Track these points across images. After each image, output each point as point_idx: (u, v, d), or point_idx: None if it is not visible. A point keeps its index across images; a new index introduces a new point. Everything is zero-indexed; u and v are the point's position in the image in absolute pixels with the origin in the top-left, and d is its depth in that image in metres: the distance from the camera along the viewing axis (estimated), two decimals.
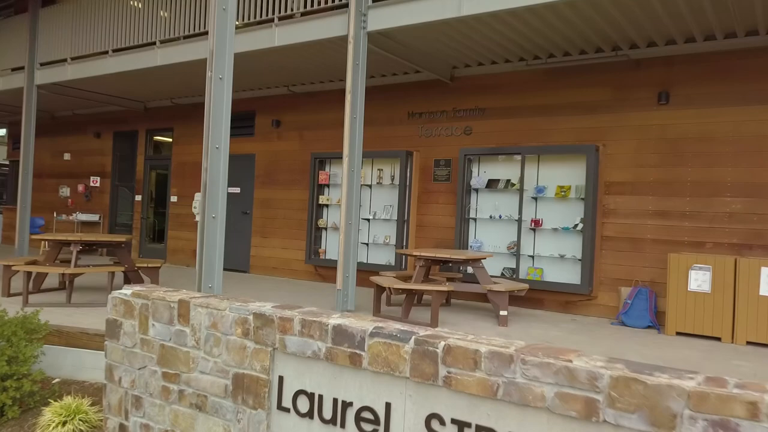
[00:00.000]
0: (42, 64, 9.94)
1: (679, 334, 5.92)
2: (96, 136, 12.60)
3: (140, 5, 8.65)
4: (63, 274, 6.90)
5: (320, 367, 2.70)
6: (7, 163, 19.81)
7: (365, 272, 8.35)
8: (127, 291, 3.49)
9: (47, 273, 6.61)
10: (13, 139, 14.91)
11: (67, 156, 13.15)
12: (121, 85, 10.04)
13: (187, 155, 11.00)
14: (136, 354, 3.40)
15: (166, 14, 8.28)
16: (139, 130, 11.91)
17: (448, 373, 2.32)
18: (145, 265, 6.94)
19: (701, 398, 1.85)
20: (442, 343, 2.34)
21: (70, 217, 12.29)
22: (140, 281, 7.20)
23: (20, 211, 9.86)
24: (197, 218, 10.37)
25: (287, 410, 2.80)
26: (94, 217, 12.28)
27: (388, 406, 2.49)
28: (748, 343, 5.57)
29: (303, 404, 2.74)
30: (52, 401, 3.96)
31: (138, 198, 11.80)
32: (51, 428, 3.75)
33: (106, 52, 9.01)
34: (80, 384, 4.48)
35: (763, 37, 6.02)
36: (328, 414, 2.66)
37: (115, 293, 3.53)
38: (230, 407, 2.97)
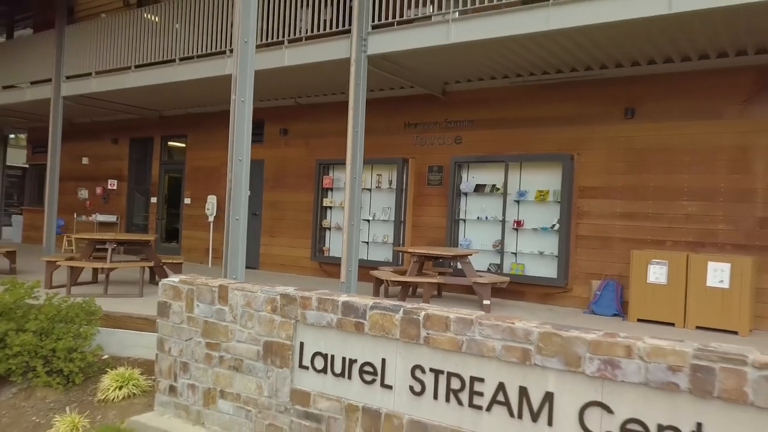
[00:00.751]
0: (68, 77, 10.78)
1: (639, 320, 6.76)
2: (113, 142, 13.45)
3: (157, 19, 9.48)
4: (99, 269, 7.74)
5: (332, 334, 3.55)
6: (24, 165, 20.66)
7: (365, 268, 9.17)
8: (175, 279, 4.33)
9: (83, 268, 7.45)
10: (33, 144, 15.75)
11: (85, 160, 13.99)
12: (140, 97, 10.88)
13: (199, 160, 11.85)
14: (183, 329, 4.25)
15: (179, 28, 9.11)
16: (154, 137, 12.76)
17: (427, 334, 3.17)
18: (170, 261, 7.80)
19: (597, 345, 2.71)
20: (423, 312, 3.20)
21: (90, 218, 13.13)
22: (164, 275, 8.05)
23: (47, 213, 10.70)
24: (210, 219, 11.23)
25: (306, 368, 3.65)
26: (112, 218, 13.13)
27: (383, 360, 3.34)
28: (697, 327, 6.42)
29: (319, 363, 3.59)
30: (109, 370, 4.81)
31: (153, 200, 12.65)
32: (110, 391, 4.59)
33: (129, 68, 9.85)
34: (126, 359, 5.32)
35: (713, 61, 6.87)
36: (338, 369, 3.51)
37: (165, 281, 4.38)
38: (261, 367, 3.82)
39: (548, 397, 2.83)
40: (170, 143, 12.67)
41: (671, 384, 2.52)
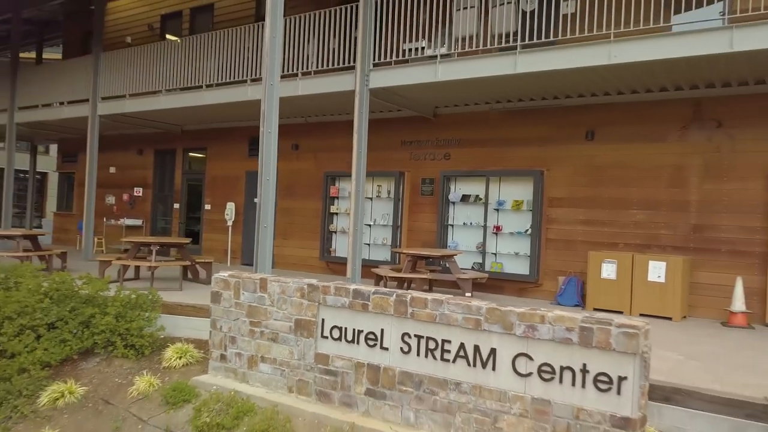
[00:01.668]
0: (103, 98, 12.18)
1: (595, 309, 8.15)
2: (138, 153, 14.86)
3: (180, 41, 10.88)
4: (147, 267, 9.14)
5: (345, 312, 4.94)
6: (43, 171, 22.01)
7: (367, 266, 10.54)
8: (225, 274, 5.73)
9: (129, 265, 8.84)
10: (62, 154, 17.15)
11: (112, 169, 15.38)
12: (168, 115, 12.28)
13: (219, 170, 13.26)
14: (231, 311, 5.64)
15: (206, 59, 10.51)
16: (177, 149, 14.16)
17: (413, 311, 4.56)
18: (202, 260, 9.19)
19: (522, 315, 4.10)
20: (410, 296, 4.59)
21: (118, 222, 14.53)
22: (196, 272, 9.46)
23: (86, 219, 12.11)
24: (228, 223, 12.62)
25: (326, 337, 5.04)
26: (138, 222, 14.53)
27: (382, 330, 4.73)
28: (640, 314, 7.81)
29: (336, 333, 4.98)
30: (169, 345, 6.20)
31: (176, 206, 14.05)
32: (172, 360, 5.99)
33: (160, 91, 11.25)
34: (178, 338, 6.70)
35: (656, 94, 8.27)
36: (349, 338, 4.90)
37: (217, 275, 5.77)
38: (292, 338, 5.21)
39: (492, 351, 4.22)
40: (191, 154, 14.08)
41: (568, 339, 3.91)
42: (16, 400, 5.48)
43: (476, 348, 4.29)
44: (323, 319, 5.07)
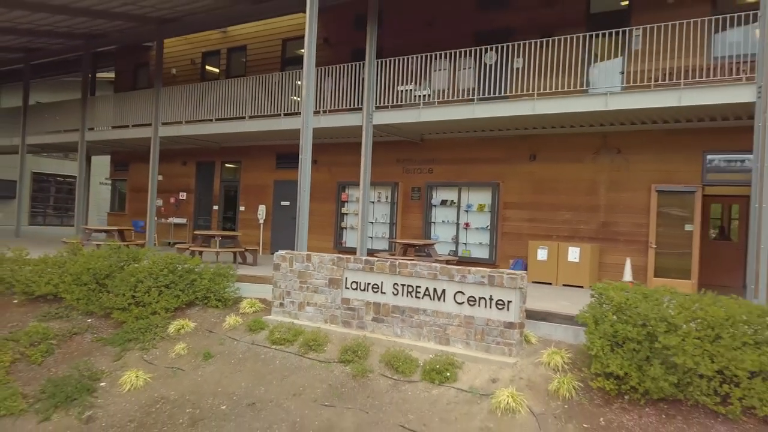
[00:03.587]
0: (163, 123, 15.51)
1: (533, 282, 11.48)
2: (183, 164, 18.20)
3: (224, 81, 14.20)
4: (215, 252, 12.47)
5: (360, 272, 8.28)
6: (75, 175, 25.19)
7: (369, 253, 13.88)
8: (282, 252, 9.06)
9: (201, 251, 12.15)
10: (115, 164, 20.49)
11: (160, 177, 18.69)
12: (213, 137, 15.59)
13: (251, 180, 16.59)
14: (287, 275, 8.97)
15: (248, 96, 13.83)
16: (216, 161, 17.51)
17: (399, 270, 7.91)
18: (249, 248, 12.53)
19: (459, 270, 7.44)
20: (397, 261, 7.95)
21: (167, 220, 17.86)
22: (244, 257, 12.79)
23: (149, 217, 15.44)
24: (261, 221, 15.94)
25: (348, 288, 8.37)
26: (183, 221, 17.87)
27: (381, 282, 8.07)
28: (563, 285, 11.15)
29: (354, 285, 8.31)
30: (243, 299, 9.53)
31: (215, 207, 17.40)
32: (246, 308, 9.30)
33: (210, 120, 14.59)
34: (244, 297, 9.98)
35: (576, 129, 11.61)
36: (362, 287, 8.24)
37: (278, 253, 9.10)
38: (327, 290, 8.55)
39: (443, 291, 7.54)
40: (227, 165, 17.42)
41: (482, 281, 7.25)
42: (155, 330, 8.80)
43: (435, 290, 7.62)
44: (346, 278, 8.41)
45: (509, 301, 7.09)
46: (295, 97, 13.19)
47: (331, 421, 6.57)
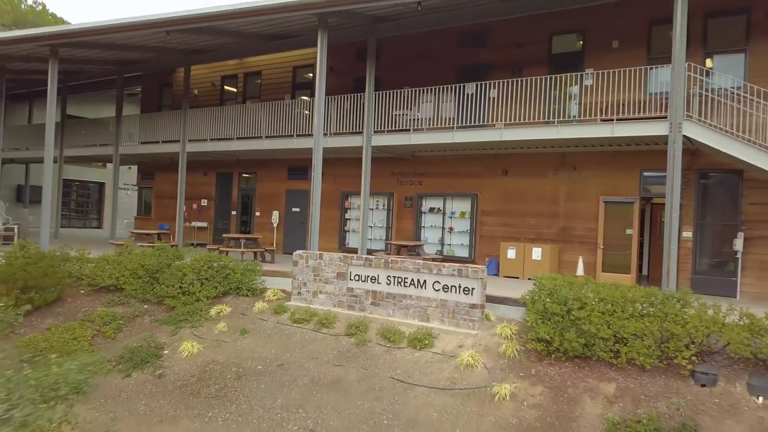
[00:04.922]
0: (190, 140, 17.90)
1: (505, 276, 13.86)
2: (203, 174, 20.59)
3: (243, 106, 16.58)
4: (240, 252, 14.87)
5: (361, 267, 10.67)
6: (100, 181, 27.63)
7: (369, 253, 16.26)
8: (300, 251, 11.45)
9: (228, 251, 14.53)
10: (141, 173, 22.90)
11: None
12: (233, 152, 17.99)
13: (266, 189, 18.99)
14: (304, 269, 11.36)
15: (265, 118, 16.22)
16: (234, 172, 19.91)
17: (391, 265, 10.31)
18: (268, 248, 14.94)
19: (436, 264, 9.84)
20: (390, 258, 10.36)
21: (190, 224, 20.25)
22: (263, 256, 15.18)
23: (178, 222, 17.83)
24: (274, 225, 18.34)
25: (352, 279, 10.76)
26: (204, 224, 20.25)
27: (378, 275, 10.47)
28: (528, 279, 13.53)
29: (357, 277, 10.71)
30: (268, 290, 11.92)
31: (233, 213, 19.79)
32: (270, 297, 11.69)
33: (232, 138, 16.98)
34: (269, 288, 12.35)
35: (541, 149, 14.00)
36: (363, 279, 10.64)
37: (296, 252, 11.49)
38: (336, 281, 10.94)
39: (424, 281, 9.93)
40: (244, 175, 19.81)
41: (454, 273, 9.64)
42: (200, 313, 11.16)
43: (418, 280, 10.01)
44: (350, 271, 10.80)
45: (473, 288, 9.48)
46: (305, 112, 15.58)
47: (339, 375, 8.96)
